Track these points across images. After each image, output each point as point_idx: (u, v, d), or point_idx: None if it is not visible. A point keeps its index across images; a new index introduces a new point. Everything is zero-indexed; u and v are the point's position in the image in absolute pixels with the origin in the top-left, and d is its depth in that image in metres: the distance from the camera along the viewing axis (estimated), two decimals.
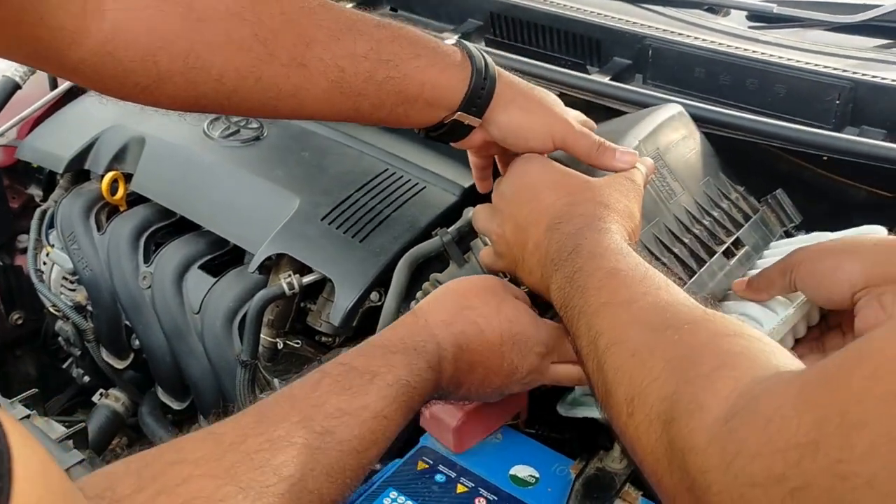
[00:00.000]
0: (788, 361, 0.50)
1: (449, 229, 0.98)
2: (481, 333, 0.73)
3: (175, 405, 1.24)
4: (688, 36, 1.24)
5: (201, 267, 1.17)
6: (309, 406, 0.62)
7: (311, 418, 0.61)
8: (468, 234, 0.98)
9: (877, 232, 0.87)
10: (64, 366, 1.43)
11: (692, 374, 0.51)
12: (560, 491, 0.77)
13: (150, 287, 1.18)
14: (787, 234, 1.02)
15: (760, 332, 0.55)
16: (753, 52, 1.19)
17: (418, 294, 0.97)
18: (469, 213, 1.00)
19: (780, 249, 0.94)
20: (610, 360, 0.59)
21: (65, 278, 1.30)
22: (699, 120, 1.05)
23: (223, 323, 1.10)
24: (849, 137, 1.05)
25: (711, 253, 0.87)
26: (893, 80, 1.10)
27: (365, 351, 0.69)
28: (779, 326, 0.78)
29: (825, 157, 1.05)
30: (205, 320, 1.12)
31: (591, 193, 0.77)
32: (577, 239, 0.71)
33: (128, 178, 1.25)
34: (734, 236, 0.92)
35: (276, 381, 1.05)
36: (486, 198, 0.95)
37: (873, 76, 1.11)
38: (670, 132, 0.96)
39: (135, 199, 1.26)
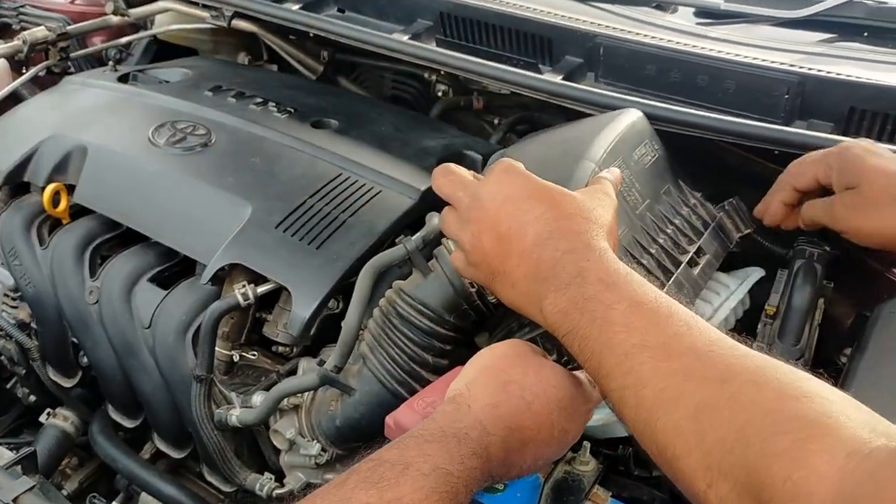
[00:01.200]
0: (861, 419, 0.51)
1: (413, 237, 0.96)
2: (529, 407, 0.70)
3: (127, 423, 1.20)
4: (638, 34, 1.24)
5: (151, 280, 1.13)
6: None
7: None
8: (432, 242, 0.96)
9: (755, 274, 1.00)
10: (8, 385, 1.37)
11: (775, 450, 0.51)
12: (529, 496, 0.77)
13: (97, 302, 1.14)
14: (743, 239, 1.03)
15: (819, 385, 0.56)
16: (703, 48, 1.20)
17: (381, 302, 0.95)
18: (434, 219, 0.99)
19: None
20: (665, 420, 0.59)
21: (6, 295, 1.25)
22: (653, 118, 1.05)
23: (175, 337, 1.06)
24: (797, 131, 1.07)
25: (677, 263, 0.87)
26: (839, 74, 1.12)
27: (398, 443, 0.65)
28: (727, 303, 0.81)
29: (776, 152, 1.06)
30: (156, 335, 1.08)
31: (576, 208, 0.75)
32: (579, 261, 0.70)
33: (70, 189, 1.20)
34: (696, 245, 0.92)
35: (233, 394, 1.02)
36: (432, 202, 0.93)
37: (819, 70, 1.13)
38: (632, 140, 0.95)
39: (78, 212, 1.21)
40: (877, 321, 0.88)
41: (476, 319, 0.95)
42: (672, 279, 0.89)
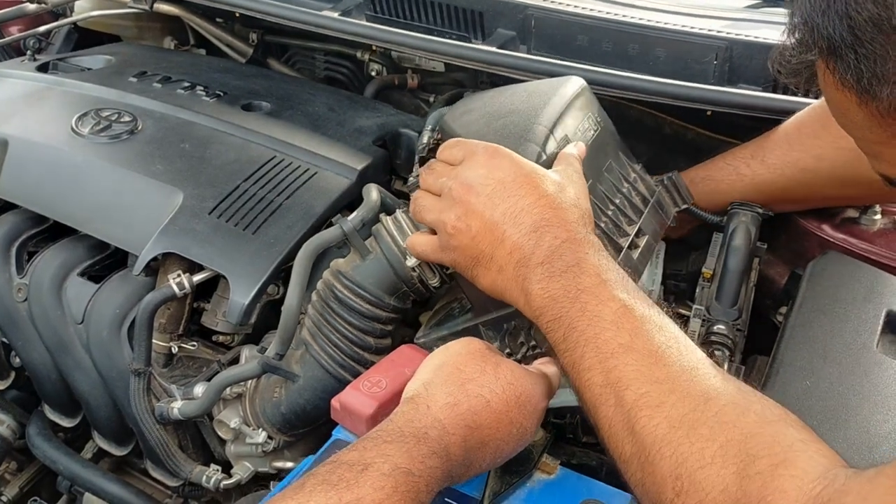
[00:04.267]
0: (826, 451, 0.57)
1: (350, 217, 0.94)
2: (488, 406, 0.70)
3: (66, 423, 1.17)
4: (569, 4, 1.24)
5: (81, 274, 1.09)
6: None
7: None
8: (371, 221, 0.95)
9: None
10: None
11: (751, 471, 0.55)
12: None
13: (26, 300, 1.10)
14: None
15: (788, 413, 0.60)
16: (633, 17, 1.20)
17: (319, 285, 0.93)
18: (372, 193, 0.97)
19: None
20: (645, 424, 0.61)
21: None
22: (591, 83, 1.05)
23: (110, 331, 1.03)
24: (728, 90, 1.09)
25: (619, 249, 0.87)
26: (766, 38, 1.14)
27: (356, 445, 0.64)
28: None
29: (709, 113, 1.07)
30: (90, 330, 1.05)
31: (566, 195, 0.76)
32: (577, 251, 0.71)
33: None
34: (636, 226, 0.91)
35: (173, 387, 0.99)
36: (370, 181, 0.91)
37: (746, 35, 1.14)
38: (577, 114, 0.92)
39: (2, 207, 1.17)
40: (808, 278, 0.90)
41: (416, 300, 0.95)
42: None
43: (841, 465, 0.55)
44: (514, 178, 0.76)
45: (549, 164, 0.83)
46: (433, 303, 1.00)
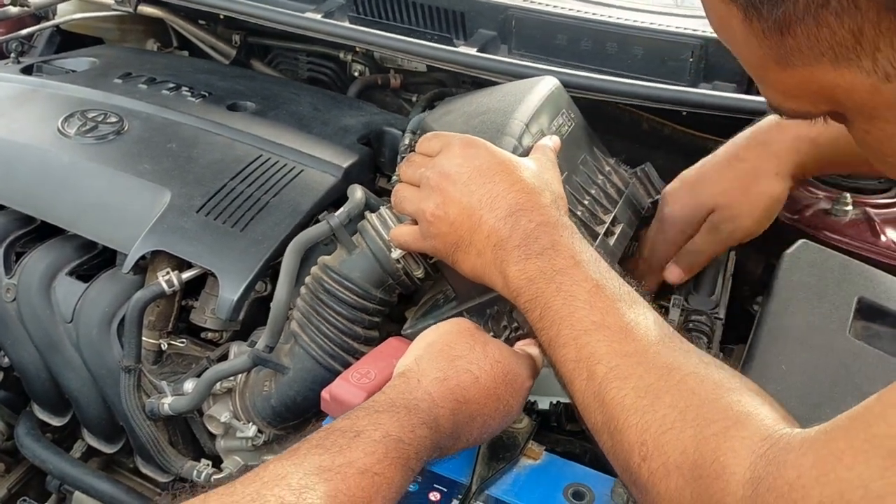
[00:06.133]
0: (777, 413, 0.60)
1: (336, 213, 0.96)
2: (476, 381, 0.72)
3: (55, 422, 1.17)
4: (548, 4, 1.27)
5: (70, 273, 1.10)
6: (285, 466, 0.59)
7: (286, 477, 0.58)
8: (357, 217, 0.96)
9: None
10: None
11: (707, 433, 0.58)
12: (467, 456, 0.78)
13: (14, 300, 1.10)
14: (654, 205, 1.06)
15: (747, 382, 0.64)
16: (611, 17, 1.23)
17: (307, 279, 0.95)
18: (357, 192, 0.99)
19: None
20: (614, 395, 0.64)
21: None
22: (567, 86, 1.08)
23: (100, 330, 1.04)
24: (701, 91, 1.12)
25: (595, 235, 0.90)
26: None
27: (349, 414, 0.66)
28: None
29: (684, 113, 1.10)
30: (79, 329, 1.06)
31: (540, 181, 0.79)
32: (552, 234, 0.74)
33: None
34: (612, 214, 0.94)
35: (163, 384, 1.00)
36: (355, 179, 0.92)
37: None
38: (551, 110, 0.96)
39: None
40: (782, 268, 0.93)
41: (402, 293, 0.97)
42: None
43: (789, 425, 0.58)
44: (490, 166, 0.79)
45: (525, 156, 0.86)
46: (418, 298, 1.02)
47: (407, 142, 1.09)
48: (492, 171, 0.78)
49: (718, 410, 0.60)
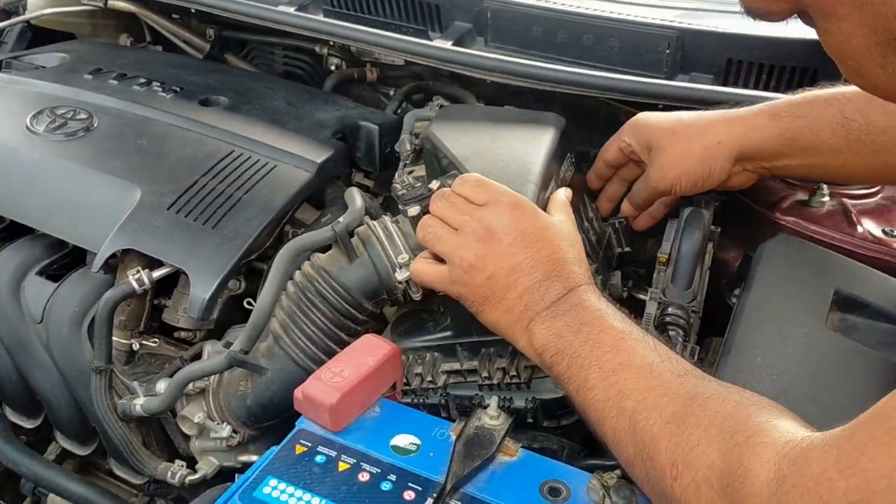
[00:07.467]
0: (797, 423, 0.64)
1: (340, 220, 0.94)
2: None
3: (27, 424, 1.15)
4: None
5: (39, 273, 1.08)
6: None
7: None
8: (356, 225, 0.95)
9: None
10: None
11: (731, 444, 0.62)
12: (443, 454, 0.77)
13: None
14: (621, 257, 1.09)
15: (765, 400, 0.67)
16: (587, 8, 1.22)
17: (297, 277, 0.93)
18: (356, 199, 0.98)
19: None
20: (643, 425, 0.69)
21: None
22: (546, 80, 1.07)
23: (70, 330, 1.02)
24: (678, 84, 1.11)
25: None
26: (715, 27, 1.16)
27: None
28: None
29: (660, 106, 1.09)
30: (49, 329, 1.04)
31: (574, 251, 0.84)
32: (580, 294, 0.79)
33: None
34: (595, 265, 0.97)
35: (135, 384, 0.99)
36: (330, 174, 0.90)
37: (697, 24, 1.17)
38: (559, 156, 0.99)
39: None
40: (760, 260, 0.92)
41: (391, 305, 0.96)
42: None
43: (809, 430, 0.61)
44: (534, 231, 0.82)
45: (543, 205, 0.89)
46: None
47: (408, 146, 1.07)
48: (535, 236, 0.82)
49: (740, 423, 0.63)
